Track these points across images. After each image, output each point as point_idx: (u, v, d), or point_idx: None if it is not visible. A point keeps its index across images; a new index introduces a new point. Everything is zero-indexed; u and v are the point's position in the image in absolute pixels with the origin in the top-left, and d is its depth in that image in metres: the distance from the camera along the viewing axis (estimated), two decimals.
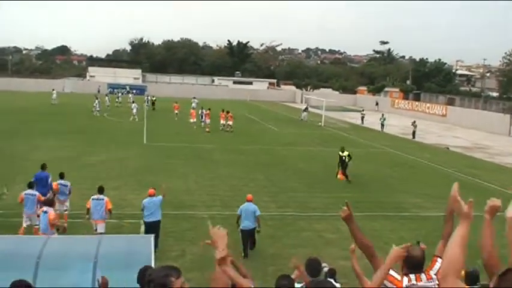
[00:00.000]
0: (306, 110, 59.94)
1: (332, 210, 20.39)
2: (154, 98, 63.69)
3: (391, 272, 4.61)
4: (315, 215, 20.26)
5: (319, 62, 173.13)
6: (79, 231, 15.89)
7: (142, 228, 16.78)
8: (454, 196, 2.98)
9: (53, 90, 65.70)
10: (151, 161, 29.49)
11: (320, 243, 16.85)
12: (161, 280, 3.25)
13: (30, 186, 16.50)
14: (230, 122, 45.17)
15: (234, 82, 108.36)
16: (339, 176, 26.40)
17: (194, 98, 62.59)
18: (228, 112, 45.78)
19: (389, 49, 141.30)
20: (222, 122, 45.55)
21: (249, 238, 15.65)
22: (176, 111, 52.58)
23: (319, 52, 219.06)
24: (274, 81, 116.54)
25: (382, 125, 52.42)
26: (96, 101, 53.71)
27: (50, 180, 18.13)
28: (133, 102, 53.84)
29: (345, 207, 4.61)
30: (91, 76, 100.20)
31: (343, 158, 26.50)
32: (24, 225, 15.81)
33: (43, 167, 18.57)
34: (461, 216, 2.94)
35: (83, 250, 10.42)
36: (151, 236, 11.53)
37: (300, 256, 8.20)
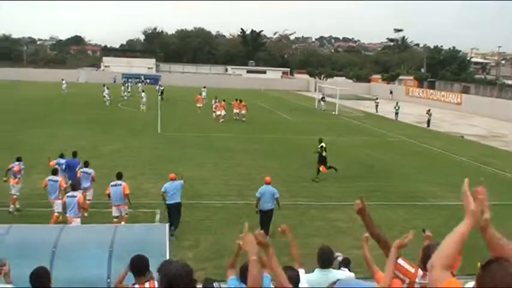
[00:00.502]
0: (323, 99, 59.53)
1: (346, 199, 20.32)
2: (162, 88, 63.75)
3: (404, 264, 4.61)
4: (329, 204, 20.24)
5: (332, 50, 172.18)
6: (95, 220, 16.03)
7: (157, 217, 16.92)
8: (465, 192, 2.95)
9: (63, 80, 66.27)
10: (165, 150, 29.61)
11: (333, 233, 16.84)
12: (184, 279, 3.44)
13: (54, 172, 16.83)
14: (243, 111, 45.10)
15: (248, 71, 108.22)
16: (321, 169, 24.41)
17: (204, 87, 62.31)
18: (241, 101, 45.70)
19: (403, 37, 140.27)
20: (235, 111, 45.46)
21: (267, 219, 15.89)
22: (199, 105, 50.53)
23: (333, 40, 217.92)
24: (288, 70, 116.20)
25: (396, 113, 52.11)
26: (106, 91, 53.95)
27: (78, 167, 18.46)
28: (143, 91, 53.81)
29: (359, 201, 4.62)
30: (105, 66, 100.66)
31: (319, 150, 24.71)
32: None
33: (74, 154, 19.27)
34: (467, 213, 2.91)
35: (98, 239, 10.51)
36: (166, 225, 11.61)
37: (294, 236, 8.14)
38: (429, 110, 48.74)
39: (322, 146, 24.91)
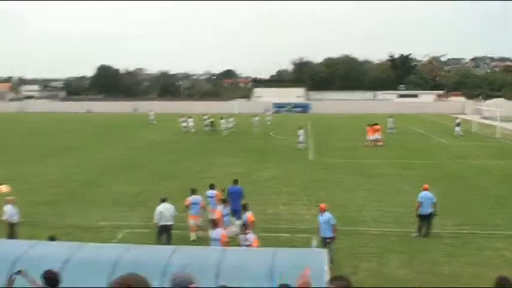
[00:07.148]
0: (458, 125, 54.67)
1: None
2: (211, 119, 57.35)
3: None
4: (496, 233, 18.81)
5: (489, 70, 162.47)
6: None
7: (314, 243, 16.81)
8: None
9: (151, 111, 70.26)
10: (318, 176, 29.61)
11: (501, 263, 15.57)
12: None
13: (193, 192, 18.25)
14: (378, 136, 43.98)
15: (399, 95, 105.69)
16: None
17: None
18: (375, 124, 44.33)
19: None
20: (370, 137, 43.88)
21: (425, 222, 18.14)
22: (375, 136, 44.20)
23: (488, 60, 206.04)
24: (442, 92, 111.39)
25: None
26: (256, 118, 57.58)
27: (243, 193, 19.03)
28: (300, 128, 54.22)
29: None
30: (256, 97, 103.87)
31: None
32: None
33: (235, 182, 19.73)
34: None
35: (259, 262, 10.64)
36: (324, 251, 11.50)
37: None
38: None
39: None
